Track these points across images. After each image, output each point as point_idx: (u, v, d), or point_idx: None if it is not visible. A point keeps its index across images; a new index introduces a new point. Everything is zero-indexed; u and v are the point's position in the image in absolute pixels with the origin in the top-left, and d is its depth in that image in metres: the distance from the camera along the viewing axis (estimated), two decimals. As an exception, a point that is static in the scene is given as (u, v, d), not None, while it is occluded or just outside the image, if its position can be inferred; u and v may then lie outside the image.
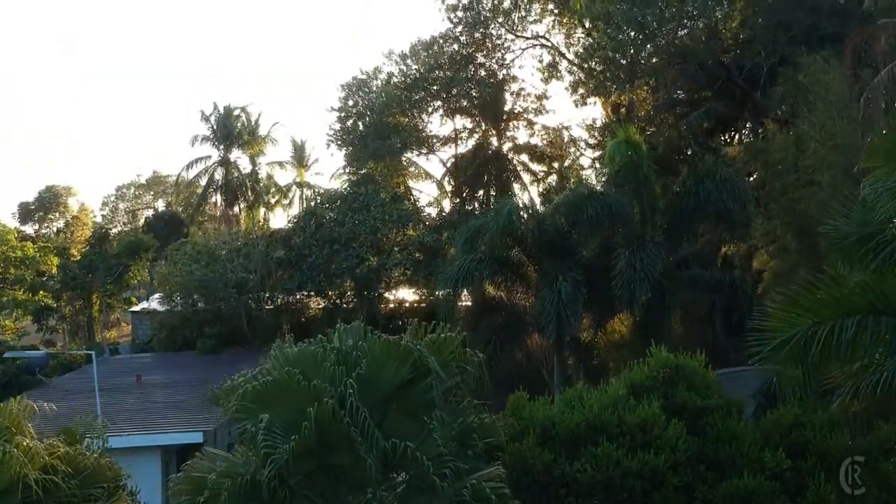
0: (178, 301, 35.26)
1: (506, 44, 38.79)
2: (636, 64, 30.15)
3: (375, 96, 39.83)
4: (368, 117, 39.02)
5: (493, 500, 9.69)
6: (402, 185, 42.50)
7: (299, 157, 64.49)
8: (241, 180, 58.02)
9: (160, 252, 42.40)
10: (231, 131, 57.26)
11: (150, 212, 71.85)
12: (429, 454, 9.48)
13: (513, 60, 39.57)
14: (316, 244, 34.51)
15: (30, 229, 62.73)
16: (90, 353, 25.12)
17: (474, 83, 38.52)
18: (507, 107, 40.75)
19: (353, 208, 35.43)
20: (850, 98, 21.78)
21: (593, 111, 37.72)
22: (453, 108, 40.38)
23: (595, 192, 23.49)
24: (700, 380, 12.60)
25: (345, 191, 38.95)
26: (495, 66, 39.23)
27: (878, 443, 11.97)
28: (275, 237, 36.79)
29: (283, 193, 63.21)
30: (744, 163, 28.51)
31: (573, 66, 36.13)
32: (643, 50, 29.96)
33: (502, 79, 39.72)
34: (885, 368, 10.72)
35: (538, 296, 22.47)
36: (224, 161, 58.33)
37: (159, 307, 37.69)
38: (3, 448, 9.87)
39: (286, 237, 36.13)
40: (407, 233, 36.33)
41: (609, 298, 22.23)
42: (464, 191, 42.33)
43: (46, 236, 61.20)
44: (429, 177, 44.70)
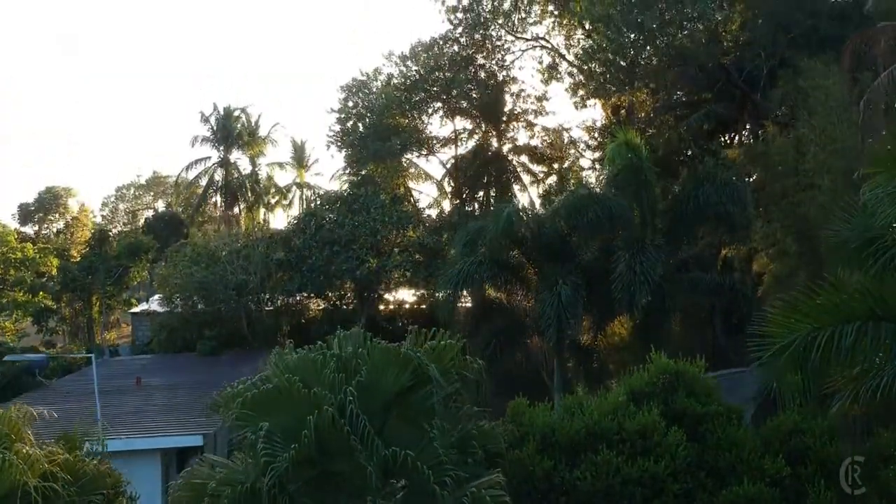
0: (177, 303, 35.22)
1: (506, 45, 38.78)
2: (636, 66, 30.15)
3: (375, 97, 39.81)
4: (368, 119, 39.02)
5: (493, 507, 9.69)
6: (402, 187, 42.50)
7: (299, 157, 64.55)
8: (240, 181, 58.01)
9: (160, 253, 42.37)
10: (231, 132, 57.26)
11: (149, 212, 71.81)
12: (429, 462, 9.49)
13: (513, 62, 39.57)
14: (316, 246, 34.49)
15: (30, 230, 62.70)
16: (90, 357, 25.07)
17: (474, 84, 38.50)
18: (507, 108, 40.74)
19: (352, 210, 35.42)
20: (850, 101, 21.78)
21: (593, 112, 37.69)
22: (453, 110, 40.36)
23: (595, 194, 23.45)
24: (700, 386, 12.60)
25: (345, 192, 38.94)
26: (495, 67, 39.22)
27: (878, 450, 11.96)
28: (275, 239, 36.75)
29: (282, 194, 63.25)
30: (743, 165, 28.51)
31: (573, 68, 36.10)
32: (643, 52, 29.95)
33: (502, 80, 39.70)
34: (885, 373, 10.73)
35: (538, 299, 22.46)
36: (224, 162, 58.34)
37: (159, 309, 37.67)
38: (2, 455, 9.86)
39: (286, 239, 36.11)
40: (407, 234, 36.30)
41: (609, 301, 22.22)
42: (464, 192, 42.31)
43: (46, 237, 61.18)
44: (429, 178, 44.75)
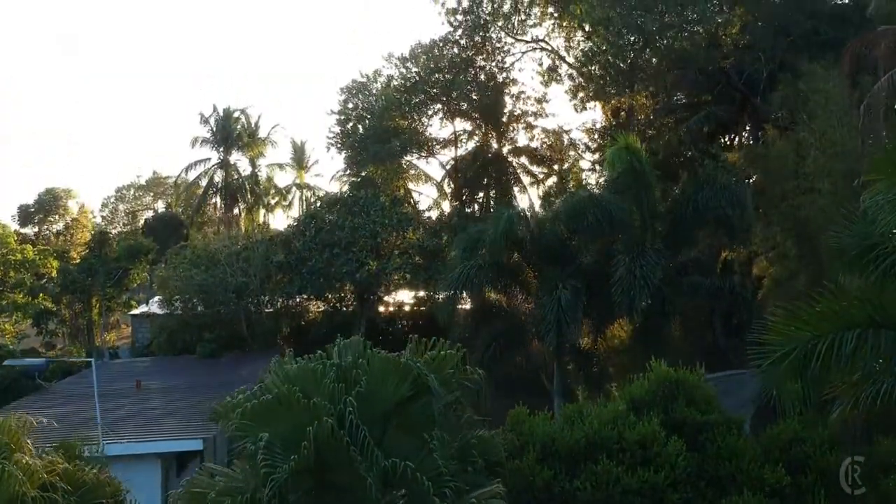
0: (177, 305, 35.18)
1: (505, 47, 38.76)
2: (636, 69, 30.15)
3: (375, 99, 39.84)
4: (368, 120, 39.03)
5: (493, 518, 9.69)
6: (402, 189, 42.50)
7: (299, 158, 64.57)
8: (240, 182, 57.99)
9: (160, 255, 42.34)
10: (231, 133, 57.23)
11: (149, 213, 71.81)
12: (428, 473, 9.48)
13: (513, 64, 39.56)
14: (316, 248, 34.47)
15: (29, 231, 62.67)
16: (90, 360, 25.06)
17: (474, 86, 38.50)
18: (507, 110, 40.73)
19: (352, 212, 35.40)
20: (850, 105, 21.77)
21: (593, 114, 37.63)
22: (453, 111, 40.37)
23: (595, 197, 23.41)
24: (700, 394, 12.59)
25: (344, 194, 38.93)
26: (495, 69, 39.21)
27: (879, 458, 11.95)
28: (274, 241, 36.72)
29: (282, 195, 63.25)
30: (743, 168, 28.51)
31: (573, 70, 36.11)
32: (643, 55, 29.95)
33: (502, 82, 39.69)
34: (885, 380, 10.73)
35: (538, 303, 22.47)
36: (224, 163, 58.32)
37: (159, 311, 37.64)
38: (1, 466, 9.85)
39: (286, 241, 36.08)
40: (407, 237, 36.28)
41: (609, 305, 22.21)
42: (463, 193, 42.31)
43: (46, 238, 61.14)
44: (429, 179, 44.77)
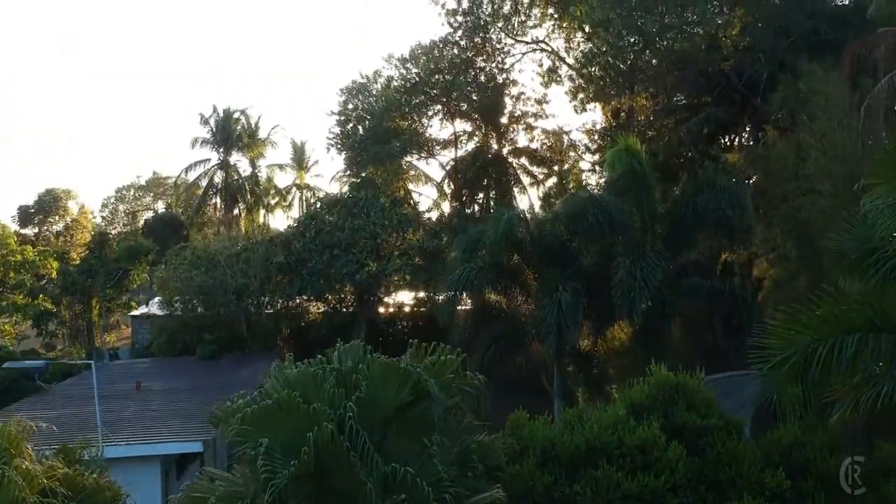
0: (177, 306, 35.17)
1: (505, 48, 38.78)
2: (636, 70, 30.13)
3: (375, 100, 39.83)
4: (368, 121, 39.03)
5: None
6: (402, 189, 42.49)
7: (299, 159, 64.58)
8: (240, 183, 57.97)
9: (160, 256, 42.36)
10: (231, 134, 57.21)
11: (149, 213, 71.80)
12: (428, 479, 9.47)
13: (513, 65, 39.59)
14: (316, 249, 34.47)
15: (29, 232, 62.65)
16: (90, 363, 25.05)
17: (474, 87, 38.50)
18: (507, 110, 40.75)
19: (352, 213, 35.41)
20: (851, 106, 21.76)
21: (593, 115, 37.67)
22: (453, 112, 40.39)
23: (595, 199, 23.38)
24: (700, 398, 12.57)
25: (344, 195, 38.93)
26: (495, 70, 39.21)
27: (880, 462, 11.94)
28: (274, 242, 36.72)
29: (282, 196, 63.25)
30: (744, 169, 28.50)
31: (573, 71, 36.10)
32: (643, 56, 29.94)
33: (502, 83, 39.69)
34: (885, 383, 10.73)
35: (538, 305, 22.46)
36: (224, 164, 58.29)
37: (159, 312, 37.63)
38: (1, 471, 9.83)
39: (286, 242, 36.08)
40: (407, 238, 36.28)
41: (609, 307, 22.21)
42: (463, 194, 42.33)
43: (46, 239, 61.13)
44: (429, 180, 44.76)
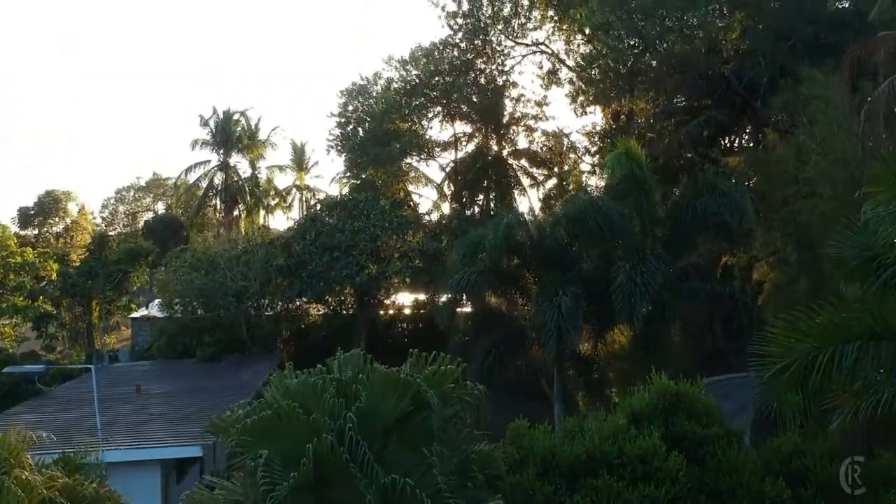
0: (177, 308, 35.17)
1: (506, 50, 38.83)
2: (636, 73, 30.14)
3: (375, 102, 39.85)
4: (368, 123, 39.04)
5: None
6: (402, 191, 42.51)
7: (299, 160, 64.60)
8: (240, 185, 57.96)
9: (160, 257, 42.36)
10: (230, 136, 57.21)
11: (149, 214, 71.79)
12: (428, 490, 9.44)
13: (513, 67, 39.64)
14: (316, 251, 34.49)
15: (29, 233, 62.62)
16: (89, 367, 25.04)
17: (474, 89, 38.52)
18: (507, 112, 40.76)
19: (352, 215, 35.42)
20: (851, 110, 21.74)
21: (593, 117, 37.73)
22: (453, 114, 40.42)
23: (596, 203, 23.39)
24: (701, 407, 12.57)
25: (345, 197, 38.95)
26: (495, 72, 39.25)
27: (880, 472, 11.93)
28: (274, 244, 36.74)
29: (282, 197, 63.24)
30: (744, 172, 28.49)
31: (573, 74, 36.12)
32: (643, 58, 29.94)
33: (502, 85, 39.71)
34: (886, 390, 10.73)
35: (538, 310, 22.43)
36: (223, 165, 58.30)
37: (159, 314, 37.62)
38: (0, 482, 9.81)
39: (286, 244, 36.09)
40: (407, 240, 36.29)
41: (609, 311, 22.19)
42: (463, 195, 42.34)
43: (46, 240, 61.11)
44: (429, 181, 44.78)
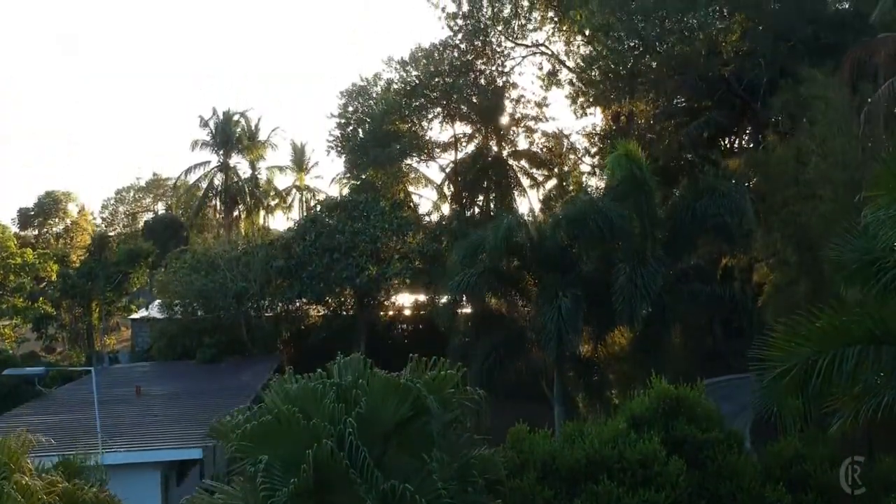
0: (177, 310, 35.18)
1: (505, 51, 38.80)
2: (636, 74, 30.13)
3: (375, 103, 39.85)
4: (368, 124, 39.03)
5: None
6: (402, 192, 42.52)
7: (299, 160, 64.62)
8: (240, 185, 57.95)
9: (160, 258, 42.38)
10: (230, 137, 57.18)
11: (149, 215, 71.82)
12: (428, 495, 9.44)
13: (513, 68, 39.64)
14: (316, 253, 34.51)
15: (29, 234, 62.63)
16: (89, 370, 25.07)
17: (474, 89, 38.52)
18: (507, 112, 40.79)
19: (352, 217, 35.43)
20: (851, 112, 21.74)
21: (593, 118, 37.74)
22: (453, 114, 40.41)
23: (596, 204, 23.38)
24: (701, 411, 12.56)
25: (345, 198, 38.96)
26: (495, 73, 39.24)
27: (881, 477, 11.93)
28: (275, 246, 36.75)
29: (282, 197, 63.23)
30: (744, 173, 28.49)
31: (573, 75, 36.12)
32: (643, 60, 29.94)
33: (502, 86, 39.70)
34: (886, 393, 10.73)
35: (539, 312, 22.43)
36: (223, 166, 58.27)
37: (159, 315, 37.63)
38: (0, 486, 9.81)
39: (286, 246, 36.10)
40: (407, 241, 36.29)
41: (609, 313, 22.17)
42: (463, 196, 42.34)
43: (46, 241, 61.11)
44: (429, 182, 44.78)
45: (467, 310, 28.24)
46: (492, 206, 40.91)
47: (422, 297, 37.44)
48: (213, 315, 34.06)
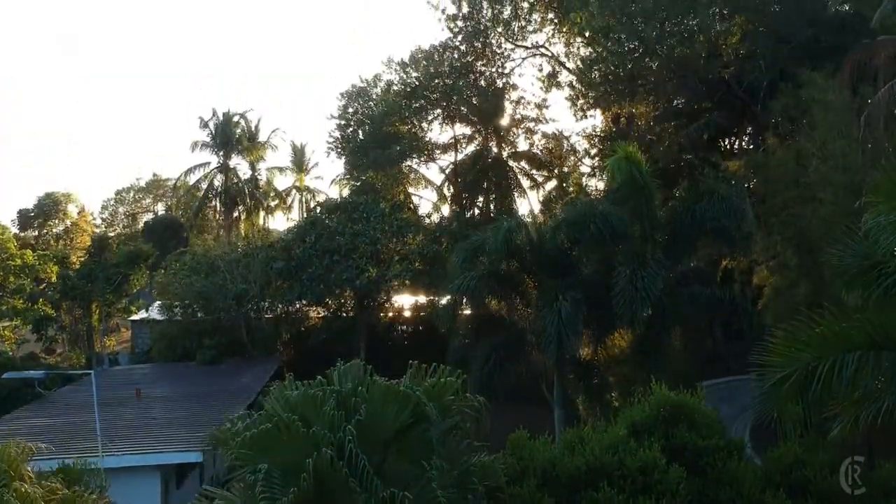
0: (177, 311, 35.16)
1: (505, 53, 38.81)
2: (636, 76, 30.12)
3: (375, 104, 39.87)
4: (368, 126, 39.05)
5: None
6: (402, 193, 42.52)
7: (299, 161, 64.66)
8: (240, 186, 57.96)
9: (160, 259, 42.34)
10: (230, 138, 57.19)
11: (149, 215, 71.81)
12: (428, 503, 9.45)
13: (513, 69, 39.65)
14: (316, 254, 34.48)
15: (29, 235, 62.59)
16: (90, 372, 25.04)
17: (474, 91, 38.52)
18: (507, 114, 40.79)
19: (352, 218, 35.41)
20: (851, 114, 21.74)
21: (593, 119, 37.74)
22: (453, 116, 40.42)
23: (596, 207, 23.38)
24: (701, 417, 12.55)
25: (345, 200, 38.96)
26: (495, 74, 39.26)
27: (881, 482, 11.92)
28: (275, 247, 36.73)
29: (282, 198, 63.25)
30: (744, 175, 28.50)
31: (573, 77, 36.11)
32: (643, 62, 29.92)
33: (502, 87, 39.71)
34: (886, 398, 10.73)
35: (539, 314, 22.42)
36: (223, 167, 58.29)
37: (159, 317, 37.61)
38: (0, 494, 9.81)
39: (286, 247, 36.07)
40: (407, 243, 36.28)
41: (609, 316, 22.18)
42: (464, 197, 42.34)
43: (46, 242, 61.06)
44: (429, 183, 44.79)
45: (467, 311, 28.26)
46: (492, 207, 40.91)
47: (422, 299, 37.41)
48: (213, 317, 34.02)
